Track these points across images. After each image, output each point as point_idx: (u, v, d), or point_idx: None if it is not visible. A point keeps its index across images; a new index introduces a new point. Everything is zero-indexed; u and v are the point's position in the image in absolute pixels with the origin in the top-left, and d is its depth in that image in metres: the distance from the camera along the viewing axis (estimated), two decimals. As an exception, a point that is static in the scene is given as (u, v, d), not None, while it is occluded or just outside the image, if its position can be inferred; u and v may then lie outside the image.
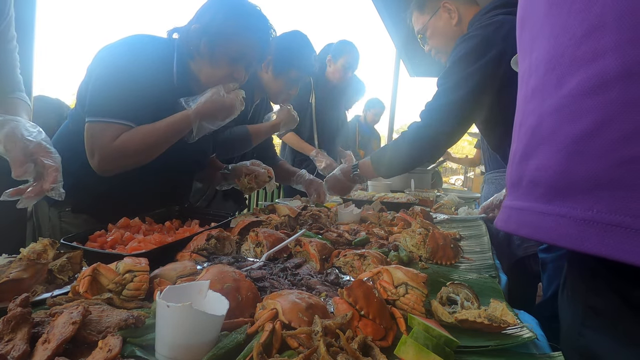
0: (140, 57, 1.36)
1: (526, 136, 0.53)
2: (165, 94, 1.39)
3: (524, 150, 0.53)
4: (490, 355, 0.70)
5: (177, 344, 0.58)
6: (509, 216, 0.56)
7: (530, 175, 0.51)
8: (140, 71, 1.34)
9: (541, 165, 0.50)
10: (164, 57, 1.42)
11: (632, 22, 0.40)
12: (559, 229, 0.46)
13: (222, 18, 1.39)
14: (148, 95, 1.35)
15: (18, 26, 1.40)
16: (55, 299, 0.73)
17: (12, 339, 0.58)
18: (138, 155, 1.35)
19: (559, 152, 0.47)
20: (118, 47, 1.37)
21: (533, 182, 0.51)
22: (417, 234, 1.33)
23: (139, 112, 1.34)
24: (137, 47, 1.38)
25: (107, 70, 1.34)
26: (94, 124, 1.31)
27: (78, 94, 1.44)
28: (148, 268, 0.82)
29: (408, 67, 6.56)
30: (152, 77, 1.36)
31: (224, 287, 0.74)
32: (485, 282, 1.10)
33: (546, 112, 0.49)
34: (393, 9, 4.31)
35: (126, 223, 1.26)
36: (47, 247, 0.89)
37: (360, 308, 0.71)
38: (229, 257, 1.07)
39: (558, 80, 0.47)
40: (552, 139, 0.48)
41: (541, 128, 0.50)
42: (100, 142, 1.30)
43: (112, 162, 1.32)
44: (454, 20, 1.75)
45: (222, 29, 1.39)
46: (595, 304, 0.52)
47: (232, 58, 1.43)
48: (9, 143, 1.02)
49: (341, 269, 1.09)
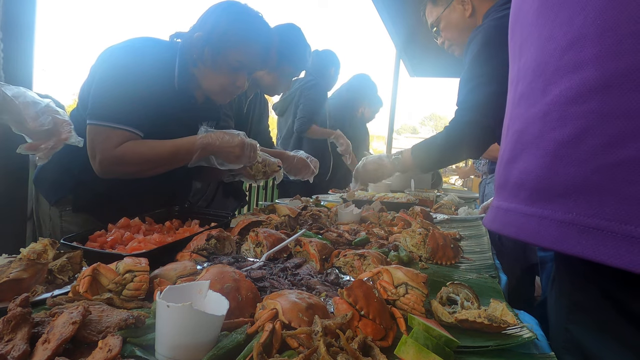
0: (144, 60, 1.36)
1: (512, 140, 0.55)
2: (167, 97, 1.40)
3: (510, 153, 0.55)
4: (490, 355, 0.70)
5: (177, 344, 0.58)
6: (495, 216, 0.59)
7: (516, 178, 0.53)
8: (143, 74, 1.34)
9: (525, 169, 0.52)
10: (166, 60, 1.43)
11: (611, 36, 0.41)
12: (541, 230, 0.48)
13: (225, 27, 1.40)
14: (150, 99, 1.36)
15: (18, 26, 1.41)
16: (55, 299, 0.73)
17: (12, 339, 0.58)
18: (137, 166, 1.37)
19: (542, 157, 0.49)
20: (121, 49, 1.38)
21: (517, 184, 0.53)
22: (417, 234, 1.33)
23: (142, 118, 1.35)
24: (140, 50, 1.39)
25: (110, 72, 1.35)
26: (97, 127, 1.32)
27: (80, 95, 1.44)
28: (148, 268, 0.82)
29: (408, 67, 6.56)
30: (154, 80, 1.36)
31: (224, 287, 0.74)
32: (485, 282, 1.10)
33: (531, 117, 0.51)
34: (393, 9, 4.31)
35: (126, 223, 1.26)
36: (47, 247, 0.89)
37: (360, 308, 0.71)
38: (229, 257, 1.07)
39: (543, 87, 0.49)
40: (536, 144, 0.50)
41: (526, 133, 0.52)
42: (103, 146, 1.31)
43: (112, 167, 1.34)
44: (467, 12, 1.72)
45: (226, 37, 1.40)
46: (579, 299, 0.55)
47: (234, 66, 1.44)
48: (21, 103, 1.06)
49: (341, 269, 1.09)
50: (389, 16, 4.49)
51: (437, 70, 6.42)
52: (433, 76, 7.76)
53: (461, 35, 1.75)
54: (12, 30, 1.39)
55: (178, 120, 1.48)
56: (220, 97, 1.54)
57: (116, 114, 1.32)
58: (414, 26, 4.57)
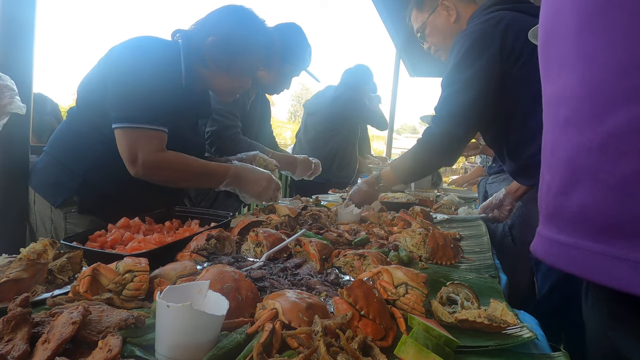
0: (153, 59, 1.39)
1: (562, 168, 0.52)
2: (176, 95, 1.44)
3: (562, 182, 0.53)
4: (490, 355, 0.70)
5: (177, 344, 0.58)
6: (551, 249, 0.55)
7: (575, 211, 0.51)
8: (157, 73, 1.38)
9: (586, 202, 0.49)
10: (170, 58, 1.46)
11: None
12: (613, 270, 0.45)
13: (241, 33, 1.49)
14: (166, 97, 1.39)
15: (18, 26, 1.41)
16: (55, 299, 0.73)
17: (12, 339, 0.58)
18: (175, 173, 1.42)
19: (605, 191, 0.46)
20: (129, 49, 1.40)
21: (579, 218, 0.50)
22: (417, 234, 1.33)
23: (165, 116, 1.39)
24: (147, 48, 1.42)
25: (126, 72, 1.37)
26: (133, 130, 1.35)
27: (81, 94, 1.45)
28: (148, 268, 0.82)
29: (408, 67, 6.56)
30: (166, 78, 1.40)
31: (224, 287, 0.74)
32: (485, 282, 1.10)
33: (584, 146, 0.48)
34: (393, 9, 4.31)
35: (126, 223, 1.26)
36: (47, 247, 0.89)
37: (360, 308, 0.71)
38: (229, 257, 1.07)
39: (597, 115, 0.47)
40: (595, 176, 0.47)
41: (579, 162, 0.49)
42: (146, 148, 1.35)
43: (153, 170, 1.37)
44: (452, 18, 1.75)
45: (242, 44, 1.49)
46: (618, 308, 0.53)
47: (247, 72, 1.55)
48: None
49: (341, 269, 1.09)
50: (389, 16, 4.49)
51: (437, 70, 6.43)
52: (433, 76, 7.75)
53: (446, 40, 1.80)
54: (12, 30, 1.39)
55: (185, 118, 1.54)
56: (228, 96, 1.63)
57: (148, 115, 1.36)
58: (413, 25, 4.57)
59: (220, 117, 2.01)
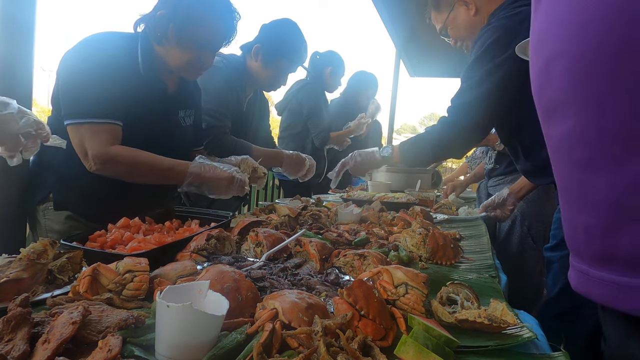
0: (103, 51, 1.38)
1: (603, 210, 0.53)
2: (133, 84, 1.42)
3: (608, 225, 0.53)
4: (490, 355, 0.70)
5: (177, 344, 0.58)
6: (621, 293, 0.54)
7: (629, 252, 0.51)
8: (106, 65, 1.36)
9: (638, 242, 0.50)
10: (127, 49, 1.44)
11: None
12: None
13: (188, 3, 1.42)
14: (118, 88, 1.37)
15: (18, 26, 1.40)
16: (55, 299, 0.73)
17: (12, 339, 0.58)
18: (128, 167, 1.39)
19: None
20: (77, 48, 1.39)
21: (635, 258, 0.51)
22: (417, 234, 1.33)
23: (116, 108, 1.37)
24: (96, 42, 1.41)
25: (72, 70, 1.37)
26: (80, 126, 1.34)
27: (52, 101, 1.46)
28: (148, 268, 0.82)
29: (408, 67, 6.55)
30: (117, 68, 1.38)
31: (224, 287, 0.74)
32: (485, 282, 1.10)
33: (624, 186, 0.49)
34: (393, 9, 4.31)
35: (126, 223, 1.26)
36: (47, 247, 0.89)
37: (360, 308, 0.71)
38: (229, 257, 1.07)
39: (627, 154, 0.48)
40: None
41: (623, 203, 0.50)
42: (92, 143, 1.33)
43: (104, 165, 1.35)
44: (472, 12, 1.73)
45: (189, 13, 1.43)
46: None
47: (199, 43, 1.48)
48: None
49: (341, 269, 1.09)
50: (389, 16, 4.49)
51: (436, 70, 6.42)
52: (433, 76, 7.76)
53: (472, 32, 1.76)
54: (12, 30, 1.39)
55: (151, 109, 1.49)
56: (189, 73, 1.57)
57: (94, 109, 1.34)
58: (414, 26, 4.57)
59: (207, 116, 1.95)
